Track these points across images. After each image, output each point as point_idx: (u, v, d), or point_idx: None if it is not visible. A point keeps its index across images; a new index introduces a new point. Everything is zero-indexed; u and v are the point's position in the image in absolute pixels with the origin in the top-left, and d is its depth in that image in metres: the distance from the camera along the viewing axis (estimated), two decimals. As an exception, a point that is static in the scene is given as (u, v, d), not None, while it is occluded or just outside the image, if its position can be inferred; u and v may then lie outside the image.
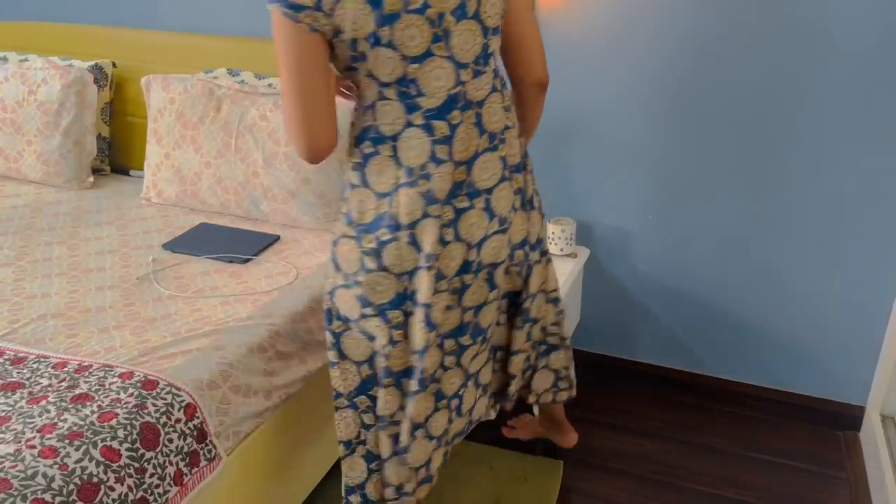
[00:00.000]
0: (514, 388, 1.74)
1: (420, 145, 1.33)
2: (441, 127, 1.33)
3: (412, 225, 1.35)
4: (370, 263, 1.38)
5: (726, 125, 2.12)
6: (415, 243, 1.36)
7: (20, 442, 1.20)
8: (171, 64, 2.51)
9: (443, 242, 1.38)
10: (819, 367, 2.29)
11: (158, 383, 1.38)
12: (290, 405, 1.67)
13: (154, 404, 1.34)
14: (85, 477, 1.17)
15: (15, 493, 1.10)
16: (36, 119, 2.39)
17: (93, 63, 2.49)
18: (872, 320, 2.17)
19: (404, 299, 1.40)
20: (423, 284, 1.38)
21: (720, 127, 2.12)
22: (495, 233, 1.44)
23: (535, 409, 2.23)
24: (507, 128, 1.43)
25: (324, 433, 1.87)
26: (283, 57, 1.29)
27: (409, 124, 1.33)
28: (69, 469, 1.17)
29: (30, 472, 1.14)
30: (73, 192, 2.41)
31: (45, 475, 1.14)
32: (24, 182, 2.47)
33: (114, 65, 2.56)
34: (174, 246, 2.01)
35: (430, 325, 1.40)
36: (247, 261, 1.94)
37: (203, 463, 1.38)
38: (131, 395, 1.34)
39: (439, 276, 1.39)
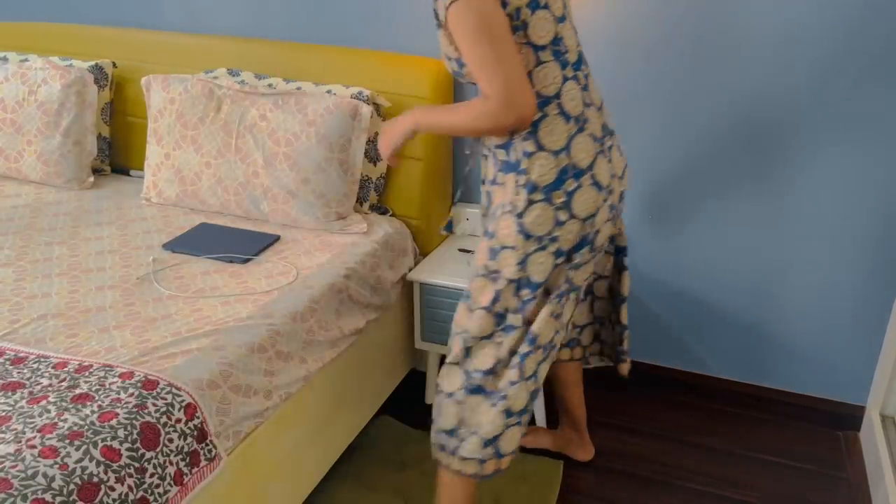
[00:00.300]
0: (626, 343, 1.88)
1: (577, 95, 1.52)
2: (581, 77, 1.54)
3: (591, 166, 1.52)
4: (563, 216, 1.52)
5: (727, 125, 2.12)
6: (596, 184, 1.53)
7: (20, 442, 1.20)
8: (171, 64, 2.51)
9: (611, 176, 1.57)
10: (819, 367, 2.29)
11: (159, 383, 1.38)
12: (290, 405, 1.67)
13: (154, 404, 1.34)
14: (85, 477, 1.17)
15: (15, 493, 1.10)
16: (36, 119, 2.39)
17: (93, 63, 2.49)
18: (872, 320, 2.17)
19: (585, 242, 1.56)
20: (601, 216, 1.56)
21: (720, 127, 2.12)
22: (626, 166, 1.67)
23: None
24: None
25: (324, 433, 1.87)
26: (486, 37, 1.36)
27: (566, 79, 1.50)
28: (69, 469, 1.17)
29: (30, 471, 1.14)
30: (74, 192, 2.42)
31: (45, 475, 1.15)
32: (24, 182, 2.48)
33: (114, 65, 2.56)
34: (174, 246, 2.01)
35: (594, 250, 1.61)
36: (247, 261, 1.94)
37: (203, 463, 1.38)
38: (131, 394, 1.34)
39: (612, 208, 1.59)
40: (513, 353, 1.58)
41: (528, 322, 1.57)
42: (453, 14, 1.36)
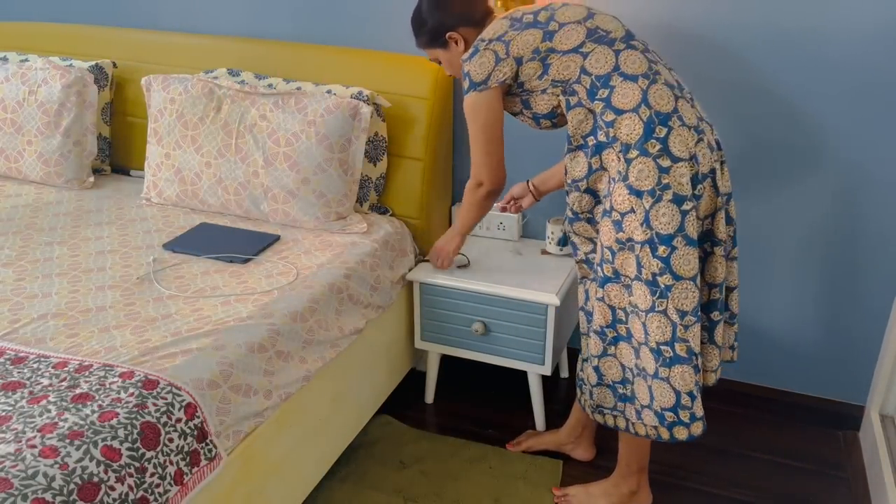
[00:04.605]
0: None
1: (638, 58, 1.63)
2: (638, 45, 1.67)
3: (675, 109, 1.59)
4: (664, 162, 1.56)
5: (727, 123, 2.12)
6: (685, 124, 1.59)
7: (21, 441, 1.21)
8: (171, 64, 2.51)
9: (699, 119, 1.64)
10: (819, 367, 2.29)
11: (159, 383, 1.38)
12: (289, 405, 1.67)
13: (154, 404, 1.34)
14: (85, 476, 1.18)
15: (16, 493, 1.10)
16: (36, 119, 2.39)
17: (93, 63, 2.49)
18: (872, 320, 2.17)
19: (697, 180, 1.60)
20: (704, 159, 1.61)
21: (720, 124, 2.12)
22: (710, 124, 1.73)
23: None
24: None
25: (324, 433, 1.87)
26: (484, 120, 1.72)
27: (618, 52, 1.62)
28: (70, 469, 1.17)
29: (30, 471, 1.15)
30: (74, 192, 2.42)
31: (45, 475, 1.15)
32: (24, 182, 2.48)
33: (114, 65, 2.56)
34: (174, 246, 2.01)
35: (715, 187, 1.67)
36: (247, 261, 1.95)
37: (203, 462, 1.39)
38: (132, 394, 1.34)
39: (712, 149, 1.65)
40: (683, 313, 1.61)
41: (681, 277, 1.59)
42: (466, 104, 1.72)
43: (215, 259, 1.95)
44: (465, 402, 2.37)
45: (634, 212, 1.58)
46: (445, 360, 2.45)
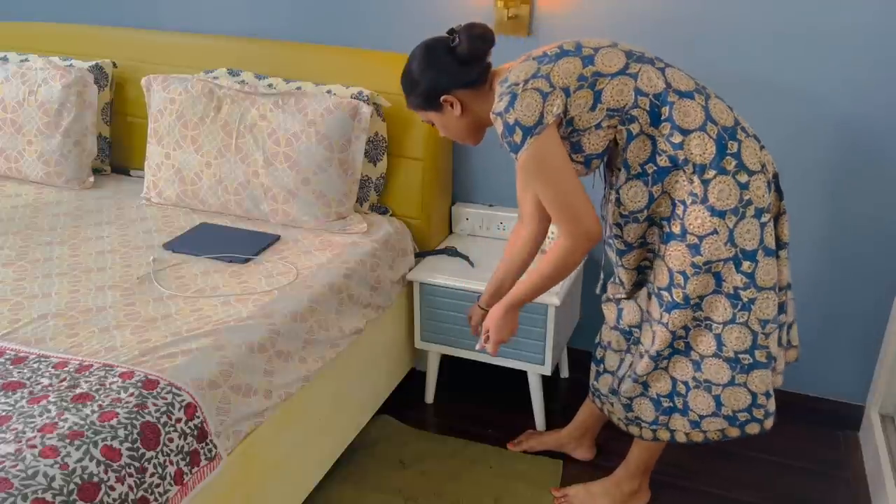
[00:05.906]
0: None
1: (683, 75, 1.57)
2: (675, 65, 1.59)
3: (736, 121, 1.55)
4: (743, 178, 1.51)
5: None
6: (749, 135, 1.56)
7: (21, 441, 1.21)
8: (171, 64, 2.51)
9: (748, 126, 1.60)
10: (819, 367, 2.29)
11: (159, 383, 1.38)
12: (289, 405, 1.67)
13: (154, 404, 1.34)
14: (85, 476, 1.18)
15: (15, 493, 1.10)
16: (36, 119, 2.39)
17: (93, 63, 2.49)
18: (872, 320, 2.17)
19: (769, 187, 1.57)
20: (768, 164, 1.60)
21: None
22: None
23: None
24: None
25: (324, 433, 1.87)
26: (554, 166, 1.50)
27: (661, 69, 1.54)
28: (70, 469, 1.17)
29: (30, 471, 1.15)
30: (74, 192, 2.42)
31: (45, 475, 1.15)
32: (24, 182, 2.48)
33: (114, 65, 2.56)
34: (174, 246, 2.01)
35: (778, 189, 1.67)
36: (247, 261, 1.95)
37: (203, 462, 1.39)
38: (132, 394, 1.34)
39: (765, 150, 1.64)
40: (764, 322, 1.58)
41: (762, 288, 1.56)
42: (525, 160, 1.50)
43: (215, 259, 1.95)
44: (465, 402, 2.37)
45: (718, 232, 1.52)
46: (445, 360, 2.45)
